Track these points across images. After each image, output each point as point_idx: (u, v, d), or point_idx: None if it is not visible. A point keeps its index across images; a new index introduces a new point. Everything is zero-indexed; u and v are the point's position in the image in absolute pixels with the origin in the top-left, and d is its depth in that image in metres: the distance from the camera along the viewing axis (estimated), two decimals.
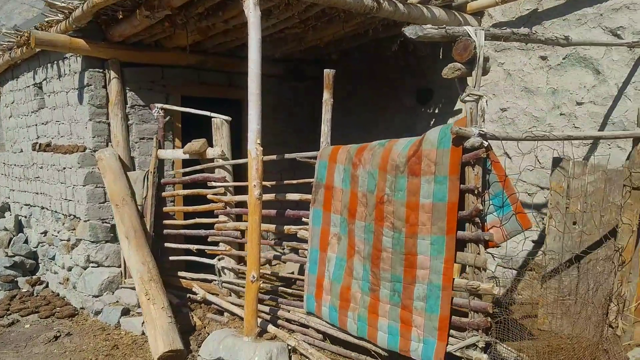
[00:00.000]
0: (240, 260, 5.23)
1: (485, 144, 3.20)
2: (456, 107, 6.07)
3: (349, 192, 3.97)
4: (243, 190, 4.98)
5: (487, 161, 3.35)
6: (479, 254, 3.28)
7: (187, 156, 5.28)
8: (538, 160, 5.14)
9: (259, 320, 4.52)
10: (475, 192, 3.25)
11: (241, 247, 5.21)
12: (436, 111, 6.40)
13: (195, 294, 5.29)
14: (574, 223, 4.55)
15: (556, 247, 4.59)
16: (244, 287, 5.01)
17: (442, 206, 3.33)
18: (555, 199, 4.60)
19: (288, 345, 4.15)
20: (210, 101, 6.94)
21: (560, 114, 5.12)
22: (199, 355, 4.42)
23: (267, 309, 4.68)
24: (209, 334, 4.59)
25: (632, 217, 3.85)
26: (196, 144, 5.04)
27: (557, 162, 4.66)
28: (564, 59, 5.08)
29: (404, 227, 3.53)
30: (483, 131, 3.21)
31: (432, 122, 6.41)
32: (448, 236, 3.33)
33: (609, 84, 4.78)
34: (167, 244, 5.61)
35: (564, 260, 4.47)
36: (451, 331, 3.41)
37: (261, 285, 4.93)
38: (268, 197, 4.64)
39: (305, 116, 7.73)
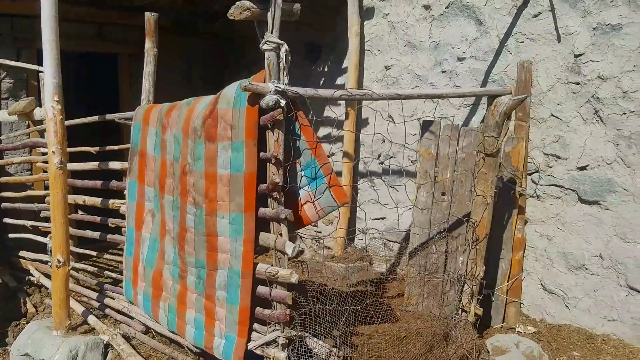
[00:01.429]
0: (78, 239, 4.59)
1: (283, 102, 2.59)
2: (344, 65, 5.43)
3: (159, 160, 3.34)
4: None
5: (294, 124, 2.75)
6: (280, 234, 2.71)
7: (14, 118, 4.55)
8: (420, 123, 4.58)
9: (82, 309, 3.94)
10: (273, 161, 2.66)
11: (79, 224, 4.55)
12: (325, 69, 5.75)
13: (34, 276, 4.66)
14: (443, 194, 4.04)
15: (424, 219, 4.09)
16: (77, 271, 4.42)
17: (239, 178, 2.74)
18: (423, 167, 4.07)
19: (103, 339, 3.57)
20: (80, 56, 6.16)
21: (442, 72, 4.54)
22: (10, 350, 3.83)
23: (95, 295, 4.09)
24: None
25: (486, 187, 3.32)
26: (21, 104, 4.31)
27: (427, 125, 4.11)
28: (447, 7, 4.46)
29: (204, 202, 2.93)
30: (280, 87, 2.59)
31: (322, 81, 5.77)
32: (246, 214, 2.74)
33: (491, 36, 4.20)
34: (6, 220, 4.92)
35: (430, 235, 3.99)
36: (256, 325, 2.88)
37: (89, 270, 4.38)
38: (91, 165, 4.00)
39: (209, 78, 6.99)
